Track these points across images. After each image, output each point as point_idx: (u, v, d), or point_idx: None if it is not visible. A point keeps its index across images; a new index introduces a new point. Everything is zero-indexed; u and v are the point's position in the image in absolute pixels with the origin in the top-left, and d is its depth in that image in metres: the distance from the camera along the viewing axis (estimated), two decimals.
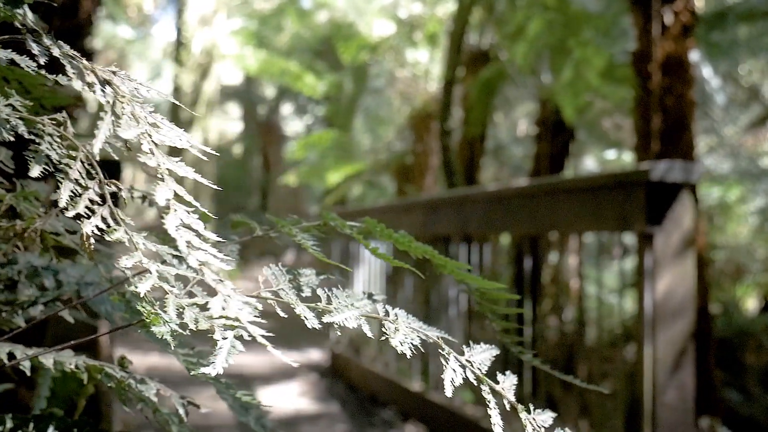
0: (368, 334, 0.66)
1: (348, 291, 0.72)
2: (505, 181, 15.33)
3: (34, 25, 0.83)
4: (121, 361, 0.72)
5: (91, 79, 0.73)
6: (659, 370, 2.98)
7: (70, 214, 0.63)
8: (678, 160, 3.32)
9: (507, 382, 0.71)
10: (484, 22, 10.62)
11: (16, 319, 0.93)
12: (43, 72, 0.82)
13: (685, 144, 6.61)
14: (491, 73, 10.33)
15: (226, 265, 0.70)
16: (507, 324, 0.85)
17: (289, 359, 0.59)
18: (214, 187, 0.68)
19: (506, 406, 0.73)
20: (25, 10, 0.83)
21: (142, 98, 0.69)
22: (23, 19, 0.83)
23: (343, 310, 0.62)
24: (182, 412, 0.66)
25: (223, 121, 27.52)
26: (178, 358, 0.88)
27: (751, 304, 11.50)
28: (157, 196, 0.51)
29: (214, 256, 0.53)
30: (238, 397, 0.73)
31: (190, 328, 0.58)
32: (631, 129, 9.37)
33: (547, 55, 8.48)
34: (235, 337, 0.52)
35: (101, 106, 0.70)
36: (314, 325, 0.61)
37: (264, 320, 0.79)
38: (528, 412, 0.69)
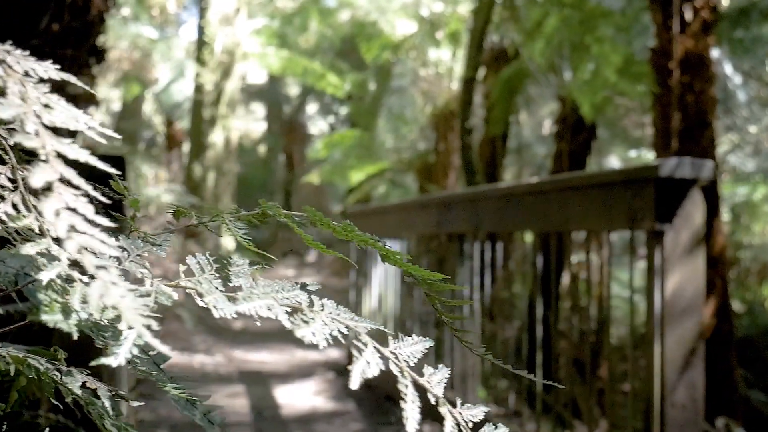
0: (286, 324, 0.65)
1: (280, 282, 0.71)
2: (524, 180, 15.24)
3: None
4: (53, 352, 0.71)
5: None
6: (668, 369, 2.95)
7: None
8: (687, 157, 3.27)
9: (436, 376, 0.70)
10: (505, 20, 10.58)
11: None
12: None
13: (706, 142, 6.55)
14: (512, 72, 10.29)
15: (162, 252, 0.70)
16: (455, 317, 0.83)
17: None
18: (110, 170, 0.67)
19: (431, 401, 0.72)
20: None
21: (37, 78, 0.68)
22: None
23: (252, 299, 0.61)
24: (108, 405, 0.65)
25: (247, 122, 27.64)
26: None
27: None
28: (34, 177, 0.50)
29: (103, 242, 0.52)
30: (183, 392, 0.72)
31: (96, 317, 0.57)
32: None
33: (567, 52, 8.43)
34: (145, 326, 0.51)
35: None
36: (223, 315, 0.60)
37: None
38: (453, 405, 0.68)
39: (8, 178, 0.68)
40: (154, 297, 0.59)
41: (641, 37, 7.98)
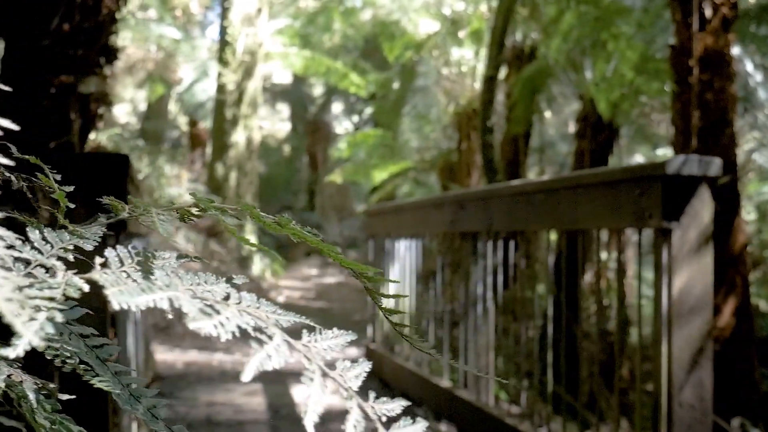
0: (169, 316, 0.65)
1: (206, 275, 0.71)
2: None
3: None
4: None
5: None
6: (676, 368, 2.93)
7: None
8: (695, 154, 3.25)
9: (353, 371, 0.70)
10: (527, 19, 10.54)
11: None
12: None
13: (726, 140, 6.49)
14: (534, 70, 10.26)
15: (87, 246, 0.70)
16: (393, 310, 0.83)
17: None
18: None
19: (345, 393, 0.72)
20: None
21: None
22: None
23: (153, 291, 0.61)
24: (33, 398, 0.66)
25: (273, 122, 27.74)
26: None
27: None
28: None
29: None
30: (126, 384, 0.72)
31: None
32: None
33: (587, 50, 8.39)
34: (48, 319, 0.52)
35: None
36: (125, 307, 0.60)
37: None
38: (365, 399, 0.68)
39: None
40: (63, 289, 0.59)
41: (663, 35, 7.93)
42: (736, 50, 6.64)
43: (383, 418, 0.69)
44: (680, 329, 2.94)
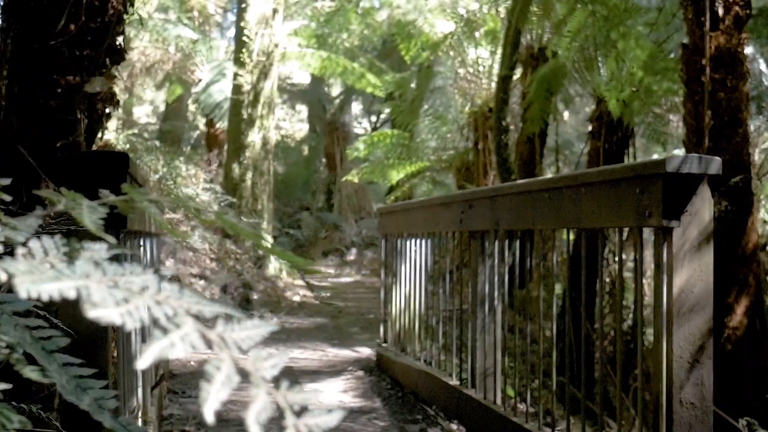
0: (94, 305, 0.66)
1: (132, 266, 0.72)
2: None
3: None
4: None
5: None
6: (676, 367, 2.93)
7: None
8: (695, 153, 3.25)
9: (269, 362, 0.71)
10: (541, 19, 10.52)
11: None
12: None
13: (739, 139, 6.46)
14: (548, 69, 10.24)
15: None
16: (331, 303, 0.85)
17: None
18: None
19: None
20: None
21: None
22: None
23: (61, 279, 0.62)
24: None
25: (292, 123, 27.81)
26: None
27: None
28: None
29: None
30: (73, 376, 0.74)
31: None
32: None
33: (598, 49, 8.37)
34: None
35: None
36: (33, 296, 0.61)
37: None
38: (277, 388, 0.69)
39: None
40: None
41: (677, 34, 7.90)
42: (749, 49, 6.60)
43: (295, 407, 0.70)
44: (680, 328, 2.94)
